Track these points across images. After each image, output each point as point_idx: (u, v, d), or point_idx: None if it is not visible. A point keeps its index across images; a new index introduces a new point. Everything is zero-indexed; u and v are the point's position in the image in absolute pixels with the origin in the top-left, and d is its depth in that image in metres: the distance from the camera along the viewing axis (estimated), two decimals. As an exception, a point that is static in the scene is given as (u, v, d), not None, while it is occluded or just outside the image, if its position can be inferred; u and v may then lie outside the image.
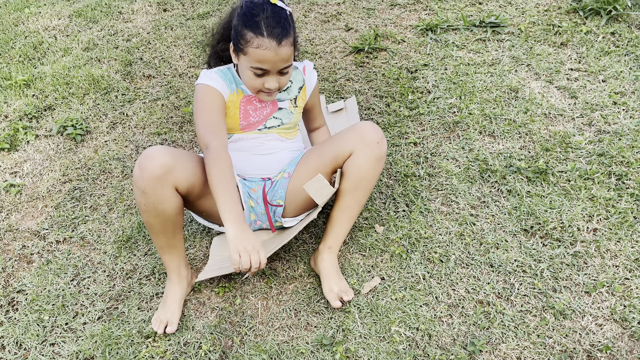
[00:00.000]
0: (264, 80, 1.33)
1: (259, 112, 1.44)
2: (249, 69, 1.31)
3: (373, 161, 1.31)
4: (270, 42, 1.26)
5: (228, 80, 1.41)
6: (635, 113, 1.76)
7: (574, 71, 1.99)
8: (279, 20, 1.27)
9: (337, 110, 1.90)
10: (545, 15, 2.27)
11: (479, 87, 1.96)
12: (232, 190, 1.19)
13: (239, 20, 1.29)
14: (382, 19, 2.43)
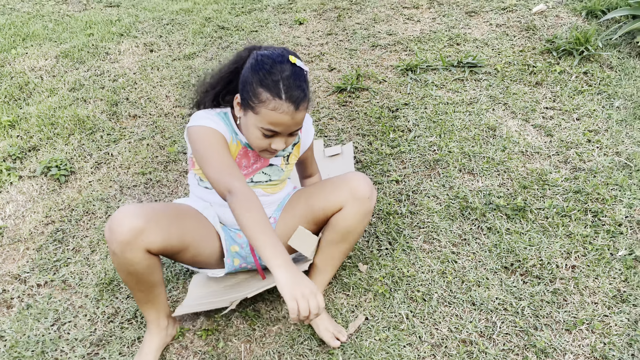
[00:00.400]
0: (272, 141, 1.24)
1: (251, 166, 1.37)
2: (257, 129, 1.22)
3: (362, 215, 1.30)
4: (288, 106, 1.17)
5: (228, 128, 1.32)
6: (608, 150, 1.82)
7: (549, 110, 2.05)
8: (298, 83, 1.19)
9: (334, 155, 1.93)
10: (521, 56, 2.35)
11: (458, 125, 2.02)
12: (271, 233, 1.08)
13: (253, 77, 1.19)
14: (364, 59, 2.50)
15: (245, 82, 1.21)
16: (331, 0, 2.98)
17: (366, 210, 1.30)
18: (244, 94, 1.22)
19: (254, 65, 1.20)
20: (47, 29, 2.86)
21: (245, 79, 1.21)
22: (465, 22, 2.64)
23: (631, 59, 2.23)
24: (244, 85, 1.21)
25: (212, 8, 2.97)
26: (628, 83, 2.11)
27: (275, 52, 1.22)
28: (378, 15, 2.79)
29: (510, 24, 2.57)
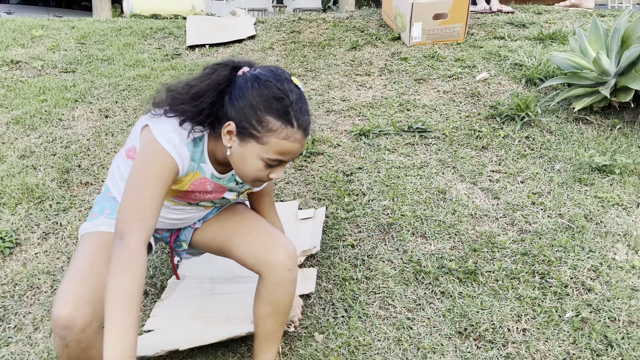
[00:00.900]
0: (272, 171, 1.13)
1: (202, 195, 1.27)
2: (260, 160, 1.09)
3: (286, 286, 1.27)
4: (299, 133, 1.08)
5: (195, 157, 1.17)
6: (552, 212, 1.90)
7: (495, 173, 2.15)
8: (305, 107, 1.10)
9: (306, 218, 1.94)
10: (467, 121, 2.48)
11: (410, 189, 2.08)
12: (131, 316, 0.95)
13: (258, 102, 1.07)
14: (319, 124, 2.57)
15: (246, 108, 1.07)
16: (286, 67, 3.08)
17: (289, 281, 1.27)
18: (244, 123, 1.08)
19: (258, 90, 1.07)
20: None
21: (245, 104, 1.07)
22: (414, 88, 2.77)
23: (568, 124, 2.38)
24: (243, 111, 1.07)
25: (169, 74, 3.02)
26: (567, 147, 2.24)
27: (274, 73, 1.11)
28: (332, 82, 2.90)
29: (456, 91, 2.71)
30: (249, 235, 1.31)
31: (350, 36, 3.41)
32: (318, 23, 3.69)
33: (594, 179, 2.04)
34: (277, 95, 1.06)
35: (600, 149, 2.18)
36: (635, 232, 1.78)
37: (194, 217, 1.38)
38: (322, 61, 3.13)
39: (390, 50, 3.20)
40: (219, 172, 1.23)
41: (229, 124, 1.10)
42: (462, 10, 3.13)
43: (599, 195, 1.95)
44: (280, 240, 1.29)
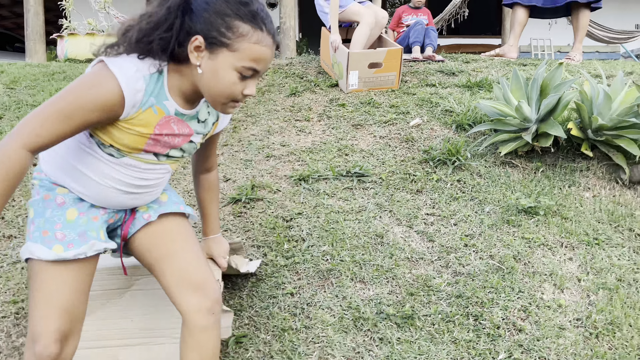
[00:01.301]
0: (246, 85, 1.10)
1: (170, 139, 1.19)
2: (234, 70, 1.06)
3: (210, 330, 1.25)
4: (269, 39, 1.08)
5: (151, 92, 1.11)
6: (483, 254, 1.98)
7: (430, 216, 2.21)
8: (270, 16, 1.10)
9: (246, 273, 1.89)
10: (402, 165, 2.56)
11: (349, 233, 2.10)
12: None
13: (224, 7, 1.05)
14: (259, 169, 2.57)
15: (212, 17, 1.05)
16: (226, 113, 3.10)
17: (211, 324, 1.25)
18: (212, 32, 1.05)
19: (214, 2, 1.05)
20: None
21: (212, 12, 1.05)
22: (352, 134, 2.84)
23: (496, 168, 2.51)
24: (210, 21, 1.05)
25: (104, 119, 2.96)
26: (495, 190, 2.35)
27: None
28: (272, 127, 2.93)
29: (391, 136, 2.81)
30: (183, 268, 1.28)
31: (290, 82, 3.49)
32: (258, 69, 3.76)
33: (521, 221, 2.14)
34: (242, 0, 1.06)
35: (525, 191, 2.31)
36: (560, 271, 1.88)
37: (159, 183, 1.29)
38: (262, 107, 3.17)
39: (328, 96, 3.29)
40: (184, 108, 1.18)
41: (195, 38, 1.06)
42: (395, 60, 3.29)
43: (525, 236, 2.05)
44: (209, 281, 1.28)
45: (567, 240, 2.03)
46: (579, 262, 1.92)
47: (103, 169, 1.18)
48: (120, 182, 1.21)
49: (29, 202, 1.22)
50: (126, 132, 1.12)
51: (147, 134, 1.15)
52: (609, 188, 2.32)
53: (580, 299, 1.76)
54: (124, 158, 1.18)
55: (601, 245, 2.00)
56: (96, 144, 1.16)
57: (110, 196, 1.22)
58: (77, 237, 1.17)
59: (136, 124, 1.12)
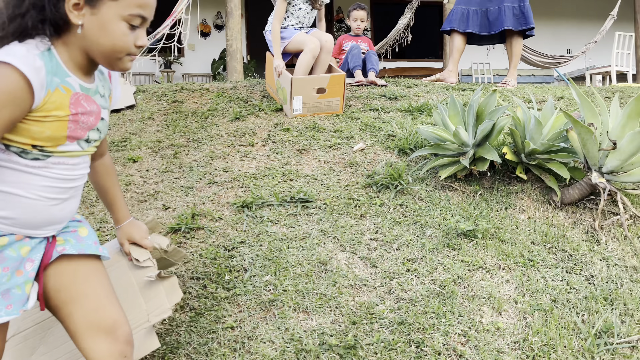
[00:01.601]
0: (136, 36, 1.07)
1: (86, 118, 1.13)
2: (121, 20, 1.03)
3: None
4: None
5: (51, 70, 1.04)
6: (425, 279, 2.00)
7: (373, 241, 2.22)
8: None
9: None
10: (346, 190, 2.57)
11: (292, 262, 2.07)
12: None
13: None
14: (200, 197, 2.51)
15: None
16: (167, 138, 3.02)
17: None
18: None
19: None
20: None
21: None
22: (296, 159, 2.83)
23: (437, 191, 2.56)
24: None
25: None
26: (436, 213, 2.39)
27: None
28: (215, 152, 2.89)
29: (336, 161, 2.82)
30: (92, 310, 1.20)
31: (234, 106, 3.46)
32: (202, 93, 3.70)
33: (461, 244, 2.18)
34: None
35: (464, 215, 2.36)
36: (498, 293, 1.92)
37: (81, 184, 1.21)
38: (204, 131, 3.11)
39: (273, 121, 3.28)
40: (85, 82, 1.13)
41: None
42: (339, 85, 3.33)
43: (465, 259, 2.09)
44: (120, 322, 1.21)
45: (504, 262, 2.08)
46: (516, 284, 1.97)
47: (29, 180, 1.10)
48: (49, 189, 1.13)
49: None
50: (45, 122, 1.05)
51: (65, 116, 1.08)
52: (542, 210, 2.41)
53: (517, 321, 1.80)
54: (50, 158, 1.10)
55: (536, 266, 2.06)
56: (16, 154, 1.07)
57: (40, 210, 1.13)
58: (0, 296, 1.08)
59: (50, 108, 1.05)
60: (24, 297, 1.11)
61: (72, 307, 1.19)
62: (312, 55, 3.42)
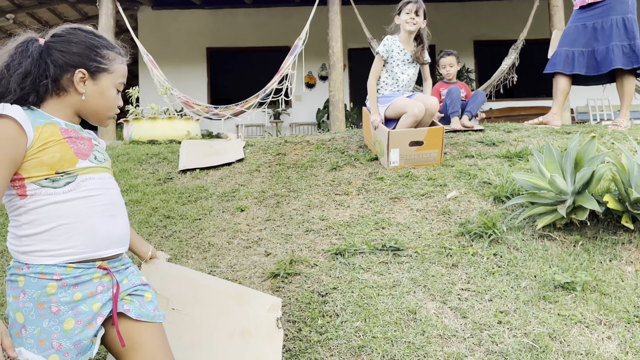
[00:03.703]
0: (118, 99, 1.42)
1: (82, 142, 1.35)
2: (114, 87, 1.38)
3: None
4: (124, 57, 1.43)
5: (32, 115, 1.28)
6: (517, 332, 1.95)
7: (464, 291, 2.22)
8: None
9: None
10: (438, 239, 2.60)
11: (382, 309, 2.14)
12: None
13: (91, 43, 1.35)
14: (298, 244, 2.69)
15: (86, 52, 1.33)
16: (271, 188, 3.27)
17: None
18: (92, 63, 1.34)
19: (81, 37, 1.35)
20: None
21: (83, 50, 1.33)
22: (389, 207, 2.93)
23: (533, 241, 2.50)
24: (86, 55, 1.33)
25: (160, 198, 3.21)
26: (532, 264, 2.33)
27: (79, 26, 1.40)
28: (313, 201, 3.07)
29: (428, 209, 2.87)
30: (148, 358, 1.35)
31: (332, 157, 3.66)
32: (302, 145, 3.96)
33: (558, 297, 2.11)
34: (97, 36, 1.38)
35: (563, 266, 2.27)
36: (598, 350, 1.82)
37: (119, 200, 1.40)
38: (304, 182, 3.33)
39: (368, 170, 3.42)
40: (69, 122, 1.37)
41: (79, 71, 1.33)
42: (437, 137, 3.37)
43: (562, 313, 2.01)
44: None
45: (606, 317, 1.97)
46: (618, 340, 1.86)
47: (75, 207, 1.28)
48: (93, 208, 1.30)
49: (15, 305, 1.25)
50: (48, 148, 1.26)
51: (62, 139, 1.29)
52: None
53: (619, 383, 1.70)
54: (78, 176, 1.29)
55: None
56: (50, 187, 1.26)
57: (97, 229, 1.30)
58: (73, 346, 1.24)
59: (45, 137, 1.26)
60: (92, 346, 1.28)
61: (132, 354, 1.34)
62: (414, 120, 3.40)
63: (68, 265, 1.26)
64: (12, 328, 1.24)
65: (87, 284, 1.29)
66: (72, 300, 1.26)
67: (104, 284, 1.32)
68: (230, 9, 10.23)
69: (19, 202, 1.26)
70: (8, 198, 1.28)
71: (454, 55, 4.59)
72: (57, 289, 1.25)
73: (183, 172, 3.64)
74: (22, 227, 1.27)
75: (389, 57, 3.66)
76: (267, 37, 10.27)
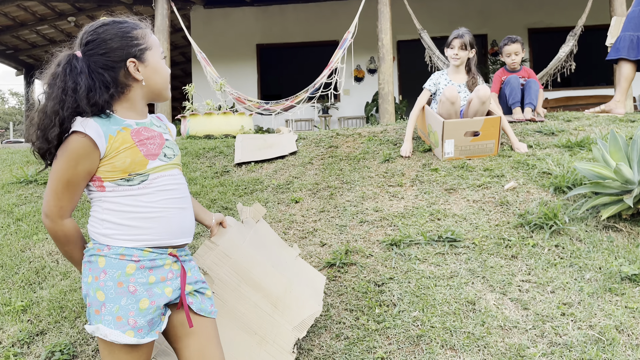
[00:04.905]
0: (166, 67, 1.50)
1: (151, 140, 1.42)
2: (161, 59, 1.45)
3: None
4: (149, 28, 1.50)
5: (111, 122, 1.37)
6: (582, 324, 1.91)
7: (525, 282, 2.18)
8: None
9: None
10: (496, 230, 2.56)
11: (439, 300, 2.14)
12: None
13: (122, 33, 1.40)
14: (353, 234, 2.71)
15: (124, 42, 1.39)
16: (324, 180, 3.31)
17: None
18: (133, 50, 1.40)
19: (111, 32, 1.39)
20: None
21: (118, 43, 1.39)
22: (444, 198, 2.90)
23: (598, 232, 2.41)
24: (124, 44, 1.39)
25: (217, 190, 3.31)
26: (597, 255, 2.26)
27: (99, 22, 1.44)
28: (366, 193, 3.09)
29: (485, 200, 2.82)
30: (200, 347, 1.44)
31: (384, 149, 3.65)
32: (354, 138, 3.98)
33: (625, 289, 2.03)
34: (119, 22, 1.42)
35: (629, 257, 2.19)
36: (670, 345, 1.75)
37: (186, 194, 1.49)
38: (356, 174, 3.35)
39: (421, 161, 3.39)
40: (139, 120, 1.44)
41: (130, 61, 1.39)
42: (494, 127, 3.29)
43: (629, 306, 1.94)
44: None
45: (679, 311, 1.89)
46: (693, 336, 1.78)
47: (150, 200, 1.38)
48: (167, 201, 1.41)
49: (95, 285, 1.34)
50: (120, 154, 1.35)
51: (133, 145, 1.37)
52: None
53: (694, 378, 1.63)
54: (150, 175, 1.39)
55: None
56: (127, 186, 1.37)
57: (171, 219, 1.41)
58: (147, 324, 1.34)
59: (118, 145, 1.35)
60: (161, 322, 1.40)
61: (186, 340, 1.44)
62: (450, 104, 3.33)
63: (145, 249, 1.36)
64: (91, 306, 1.33)
65: (159, 270, 1.39)
66: (147, 282, 1.36)
67: (174, 271, 1.42)
68: (279, 5, 10.34)
69: (99, 194, 1.38)
70: (88, 190, 1.40)
71: (519, 42, 4.33)
72: (135, 270, 1.34)
73: (239, 165, 3.73)
74: (104, 212, 1.37)
75: (437, 90, 3.64)
76: (315, 32, 10.32)
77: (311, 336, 2.05)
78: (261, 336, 1.77)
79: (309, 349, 1.99)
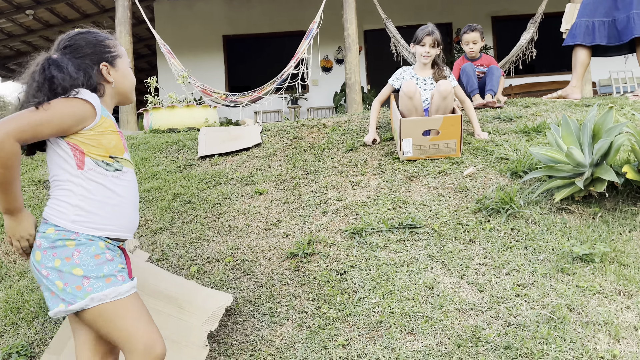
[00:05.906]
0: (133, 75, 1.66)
1: (122, 137, 1.59)
2: (128, 67, 1.62)
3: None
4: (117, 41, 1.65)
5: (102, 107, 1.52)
6: (535, 304, 1.97)
7: (482, 266, 2.24)
8: None
9: None
10: (455, 215, 2.61)
11: (399, 285, 2.17)
12: None
13: (95, 40, 1.54)
14: (316, 224, 2.73)
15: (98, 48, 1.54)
16: (288, 171, 3.31)
17: None
18: (105, 55, 1.55)
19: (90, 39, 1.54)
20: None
21: (92, 48, 1.53)
22: (406, 186, 2.94)
23: (551, 215, 2.49)
24: (98, 50, 1.54)
25: (180, 184, 3.28)
26: (550, 237, 2.33)
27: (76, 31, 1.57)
28: (330, 183, 3.10)
29: (445, 186, 2.87)
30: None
31: (347, 139, 3.67)
32: (319, 128, 3.98)
33: (576, 269, 2.11)
34: (93, 32, 1.57)
35: (581, 238, 2.27)
36: (616, 320, 1.83)
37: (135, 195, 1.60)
38: (320, 164, 3.36)
39: (384, 150, 3.42)
40: None
41: (103, 64, 1.54)
42: (454, 126, 3.12)
43: (580, 285, 2.01)
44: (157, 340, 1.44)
45: (625, 287, 1.97)
46: (638, 310, 1.86)
47: (119, 191, 1.51)
48: (133, 193, 1.56)
49: (68, 265, 1.39)
50: (107, 135, 1.49)
51: (116, 131, 1.54)
52: (675, 231, 2.22)
53: (637, 349, 1.70)
54: (123, 167, 1.53)
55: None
56: (105, 169, 1.49)
57: (130, 214, 1.55)
58: (127, 276, 1.50)
59: (107, 126, 1.50)
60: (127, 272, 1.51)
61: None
62: (408, 98, 3.26)
63: (106, 240, 1.48)
64: (69, 285, 1.38)
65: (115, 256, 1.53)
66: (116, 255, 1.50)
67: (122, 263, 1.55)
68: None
69: (76, 172, 1.46)
70: (62, 167, 1.46)
71: (478, 30, 4.34)
72: (104, 246, 1.47)
73: (202, 159, 3.70)
74: (77, 197, 1.45)
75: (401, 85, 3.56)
76: (282, 22, 10.24)
77: (273, 327, 2.06)
78: (174, 340, 1.83)
79: (271, 339, 2.00)
